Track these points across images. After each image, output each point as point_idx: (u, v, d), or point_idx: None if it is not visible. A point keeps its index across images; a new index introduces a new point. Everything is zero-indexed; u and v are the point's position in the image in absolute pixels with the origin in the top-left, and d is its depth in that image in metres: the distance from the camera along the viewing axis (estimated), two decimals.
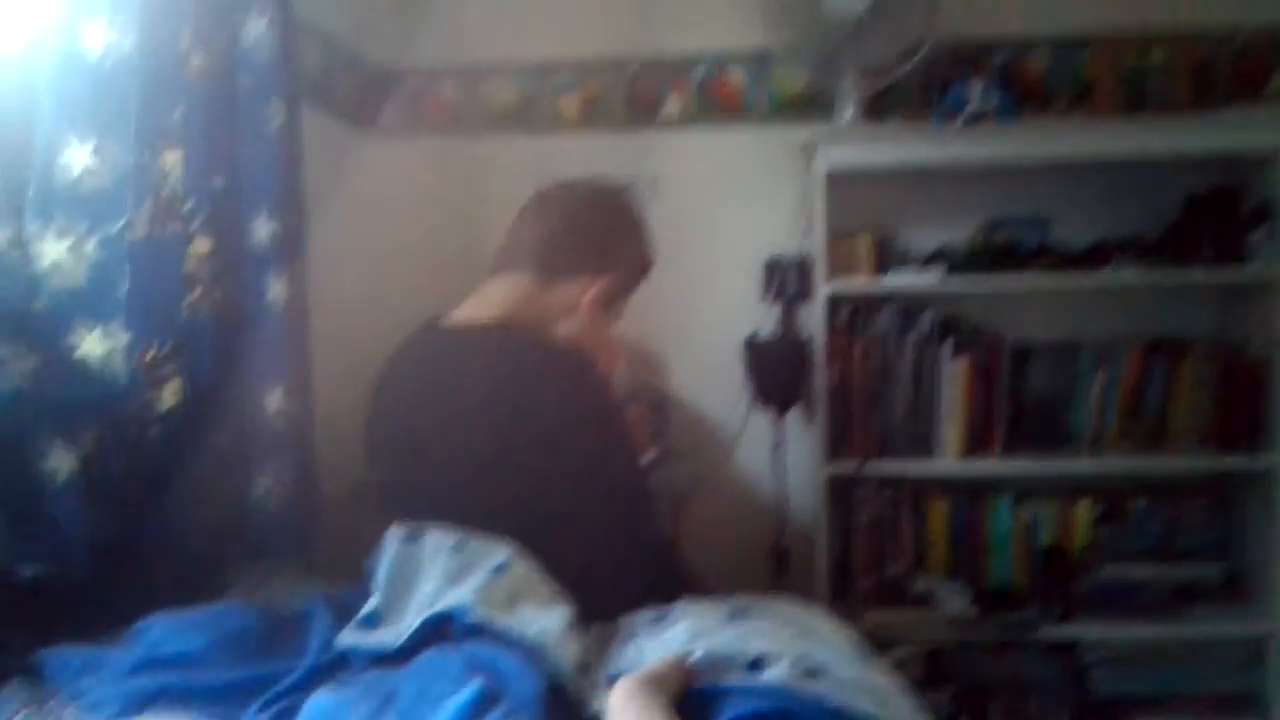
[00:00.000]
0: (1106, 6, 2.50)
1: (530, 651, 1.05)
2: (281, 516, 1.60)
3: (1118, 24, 2.48)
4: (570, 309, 1.50)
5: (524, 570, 1.19)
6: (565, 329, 1.50)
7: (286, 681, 1.00)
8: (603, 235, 1.55)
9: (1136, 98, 2.40)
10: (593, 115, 2.62)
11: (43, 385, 1.25)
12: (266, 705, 0.97)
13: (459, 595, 1.09)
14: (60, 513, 1.21)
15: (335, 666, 1.04)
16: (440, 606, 1.08)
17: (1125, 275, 2.34)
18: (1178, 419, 2.43)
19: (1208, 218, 2.39)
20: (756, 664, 1.13)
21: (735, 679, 1.11)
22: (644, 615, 1.28)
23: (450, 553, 1.19)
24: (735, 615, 1.29)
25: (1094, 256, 2.41)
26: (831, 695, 1.08)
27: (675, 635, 1.19)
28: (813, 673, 1.13)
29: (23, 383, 1.22)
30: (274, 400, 1.62)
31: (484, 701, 0.92)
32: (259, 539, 1.58)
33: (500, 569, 1.16)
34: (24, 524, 1.18)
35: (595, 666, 1.11)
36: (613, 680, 1.08)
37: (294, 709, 0.95)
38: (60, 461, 1.23)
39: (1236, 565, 2.42)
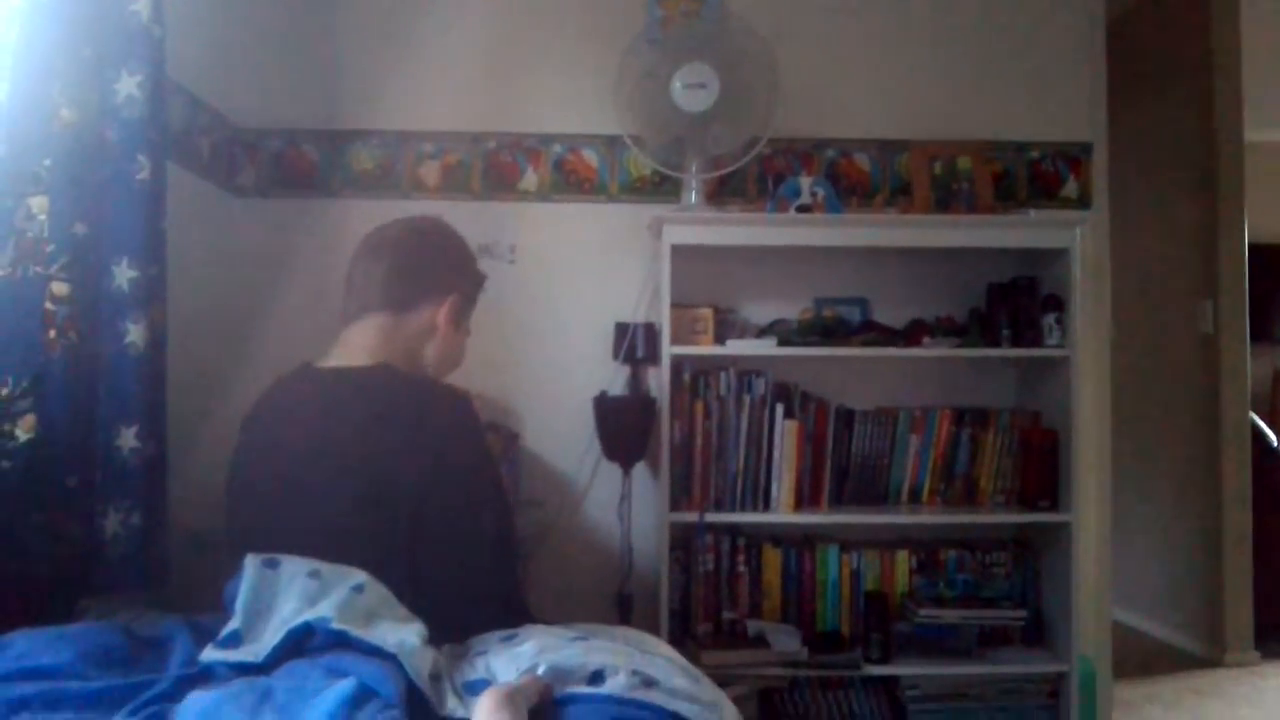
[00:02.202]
0: (922, 117, 2.82)
1: (388, 660, 1.12)
2: (132, 553, 1.61)
3: (932, 132, 2.79)
4: (430, 332, 1.62)
5: (380, 592, 1.26)
6: (430, 350, 1.60)
7: (155, 689, 1.04)
8: (437, 259, 1.68)
9: (947, 196, 2.70)
10: (452, 184, 2.75)
11: None
12: (135, 711, 1.00)
13: (319, 611, 1.15)
14: None
15: (200, 679, 1.09)
16: (301, 619, 1.14)
17: (937, 350, 2.61)
18: (983, 479, 2.69)
19: (1008, 303, 2.69)
20: (597, 676, 1.23)
21: (578, 689, 1.21)
22: (494, 635, 1.36)
23: (307, 577, 1.25)
24: (578, 636, 1.40)
25: (910, 333, 2.67)
26: (665, 703, 1.20)
27: (523, 651, 1.28)
28: (648, 684, 1.24)
29: None
30: (127, 439, 1.65)
31: (359, 697, 0.99)
32: (109, 574, 1.58)
33: (358, 589, 1.23)
34: None
35: (446, 677, 1.19)
36: (468, 688, 1.16)
37: (163, 714, 1.00)
38: None
39: (1037, 611, 2.66)
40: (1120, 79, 3.22)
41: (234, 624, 1.19)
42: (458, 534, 1.42)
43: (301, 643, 1.14)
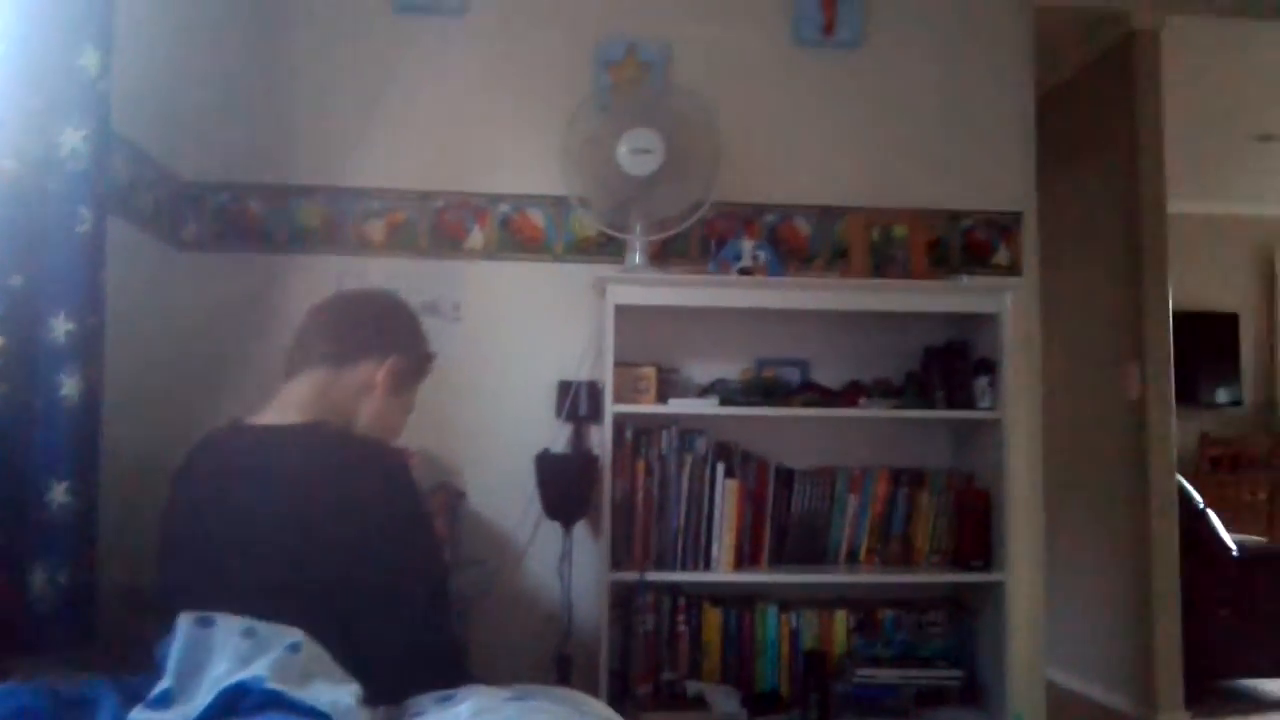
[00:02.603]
0: (861, 184, 2.92)
1: (321, 716, 1.11)
2: (58, 611, 1.58)
3: (870, 199, 2.88)
4: (366, 389, 1.58)
5: (315, 652, 1.25)
6: (366, 410, 1.58)
7: None
8: (379, 318, 1.66)
9: (884, 262, 2.78)
10: (398, 241, 2.77)
11: None
12: None
13: (253, 670, 1.14)
14: None
15: None
16: (234, 679, 1.12)
17: (874, 411, 2.66)
18: (919, 539, 2.74)
19: (942, 366, 2.76)
20: None
21: None
22: (430, 695, 1.35)
23: (241, 636, 1.23)
24: (516, 696, 1.39)
25: (848, 394, 2.73)
26: None
27: (460, 712, 1.27)
28: None
29: None
30: (57, 494, 1.62)
31: None
32: (35, 633, 1.54)
33: (293, 648, 1.21)
34: None
35: None
36: None
37: None
38: None
39: (972, 670, 2.69)
40: (1050, 151, 3.36)
41: (165, 683, 1.16)
42: (391, 593, 1.40)
43: (235, 703, 1.12)
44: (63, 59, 1.70)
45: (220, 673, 1.18)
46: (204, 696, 1.14)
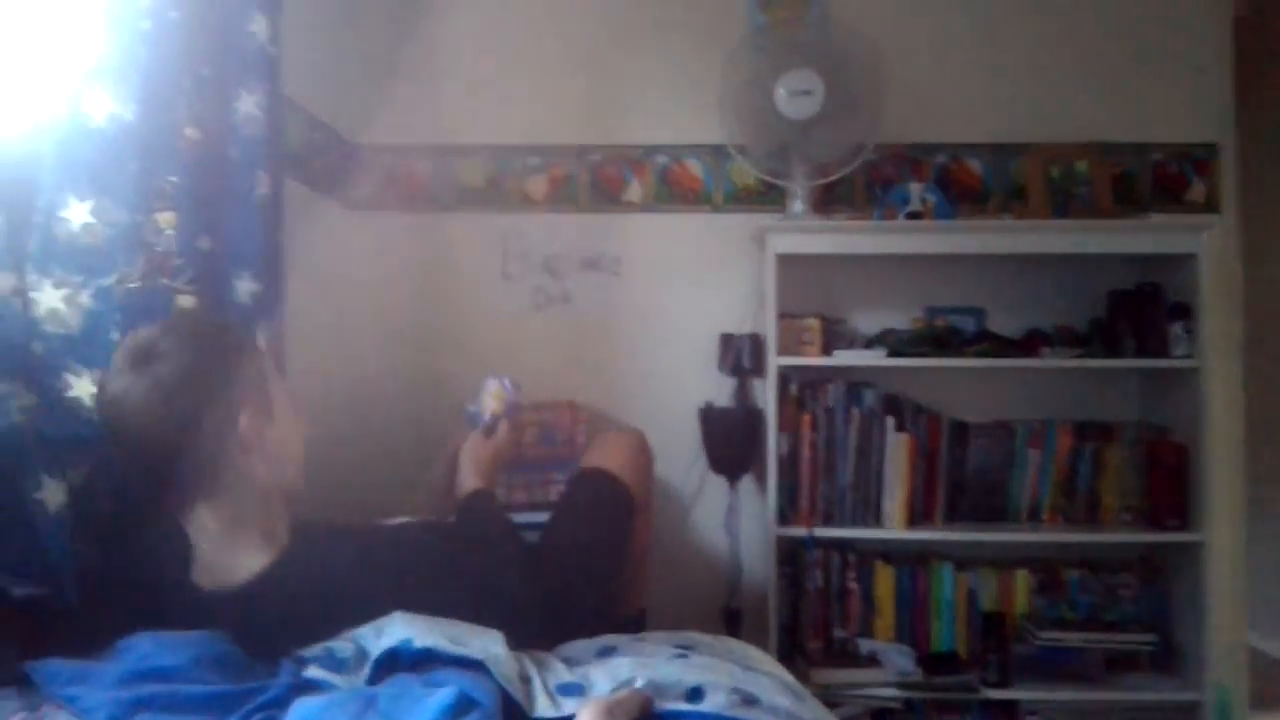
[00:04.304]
0: (1038, 119, 2.72)
1: (478, 670, 1.13)
2: None
3: (1048, 135, 2.69)
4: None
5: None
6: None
7: (266, 696, 1.06)
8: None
9: (1065, 200, 2.59)
10: (558, 196, 2.77)
11: (38, 422, 1.32)
12: (247, 715, 1.03)
13: (396, 638, 1.17)
14: (50, 540, 1.27)
15: (309, 689, 1.11)
16: (390, 642, 1.16)
17: (1056, 361, 2.50)
18: (1107, 496, 2.57)
19: (1131, 312, 2.57)
20: (695, 693, 1.21)
21: (677, 706, 1.19)
22: (590, 647, 1.36)
23: (403, 619, 1.26)
24: (679, 650, 1.38)
25: (1027, 343, 2.57)
26: None
27: (620, 665, 1.27)
28: (749, 701, 1.21)
29: (20, 419, 1.29)
30: None
31: (461, 706, 1.00)
32: None
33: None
34: (18, 548, 1.25)
35: (536, 678, 1.19)
36: (561, 689, 1.16)
37: (274, 718, 1.02)
38: (52, 493, 1.30)
39: (1167, 635, 2.52)
40: (1251, 75, 3.05)
41: (336, 646, 1.20)
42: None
43: (393, 664, 1.15)
44: (235, 27, 1.75)
45: (369, 645, 1.21)
46: (367, 663, 1.17)
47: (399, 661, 1.16)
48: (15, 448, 1.28)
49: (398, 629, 1.19)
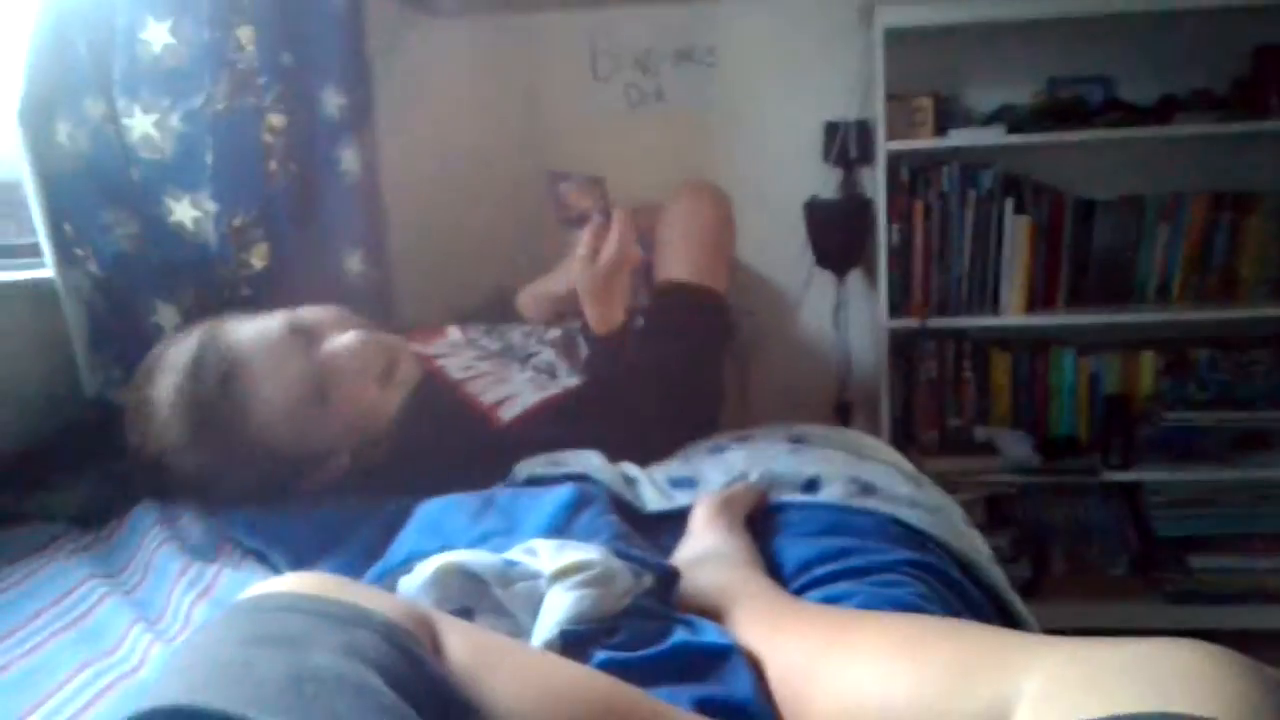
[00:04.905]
0: None
1: (581, 478, 1.16)
2: None
3: None
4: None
5: None
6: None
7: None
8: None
9: None
10: None
11: (145, 248, 1.35)
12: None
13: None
14: None
15: None
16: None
17: (1192, 127, 2.30)
18: (1244, 271, 2.42)
19: (1278, 69, 2.31)
20: (812, 484, 1.20)
21: (793, 497, 1.19)
22: (701, 445, 1.36)
23: None
24: (793, 443, 1.37)
25: (1160, 111, 2.36)
26: (886, 509, 1.16)
27: (732, 459, 1.27)
28: (867, 490, 1.20)
29: (128, 245, 1.33)
30: (354, 263, 1.71)
31: (578, 503, 1.01)
32: None
33: None
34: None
35: (643, 479, 1.21)
36: (674, 483, 1.17)
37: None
38: (165, 316, 1.34)
39: None
40: None
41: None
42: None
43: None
44: None
45: None
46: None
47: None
48: (127, 273, 1.31)
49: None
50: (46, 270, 1.36)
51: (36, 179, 1.35)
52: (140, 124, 1.43)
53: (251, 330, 1.20)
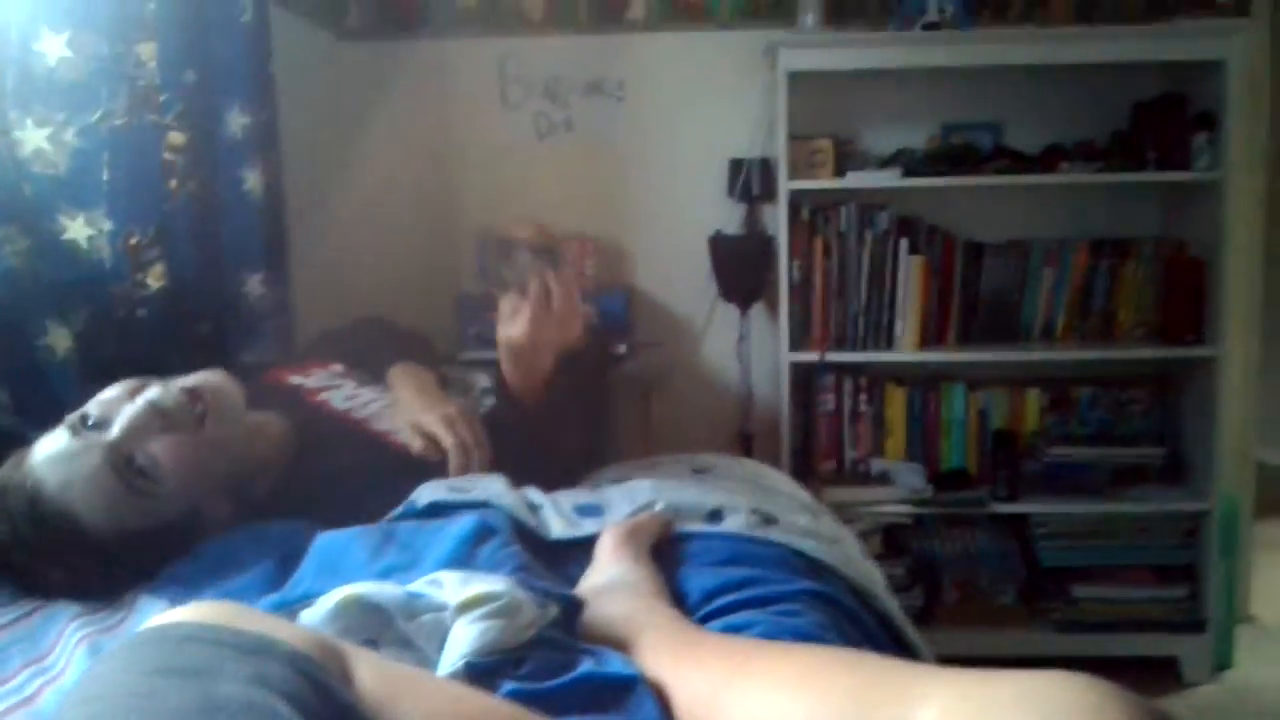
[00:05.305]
0: None
1: (484, 505, 1.15)
2: None
3: None
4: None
5: None
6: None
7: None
8: None
9: (1088, 6, 2.46)
10: (557, 15, 2.64)
11: (36, 266, 1.30)
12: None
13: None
14: (59, 385, 1.27)
15: None
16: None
17: (1075, 176, 2.42)
18: (1123, 313, 2.55)
19: (1154, 123, 2.47)
20: (715, 514, 1.22)
21: (697, 527, 1.20)
22: (607, 472, 1.37)
23: None
24: (697, 473, 1.39)
25: (1046, 159, 2.49)
26: (786, 540, 1.18)
27: (639, 487, 1.28)
28: (768, 521, 1.22)
29: (18, 263, 1.28)
30: (254, 285, 1.68)
31: (479, 534, 1.01)
32: None
33: None
34: (27, 394, 1.25)
35: (548, 505, 1.20)
36: (579, 510, 1.17)
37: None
38: (57, 338, 1.29)
39: (1175, 449, 2.55)
40: None
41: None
42: None
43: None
44: None
45: None
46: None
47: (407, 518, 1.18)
48: (16, 293, 1.26)
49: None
50: None
51: None
52: (33, 138, 1.38)
53: (46, 453, 1.11)
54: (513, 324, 1.31)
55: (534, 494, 1.24)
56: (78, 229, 1.39)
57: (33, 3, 1.40)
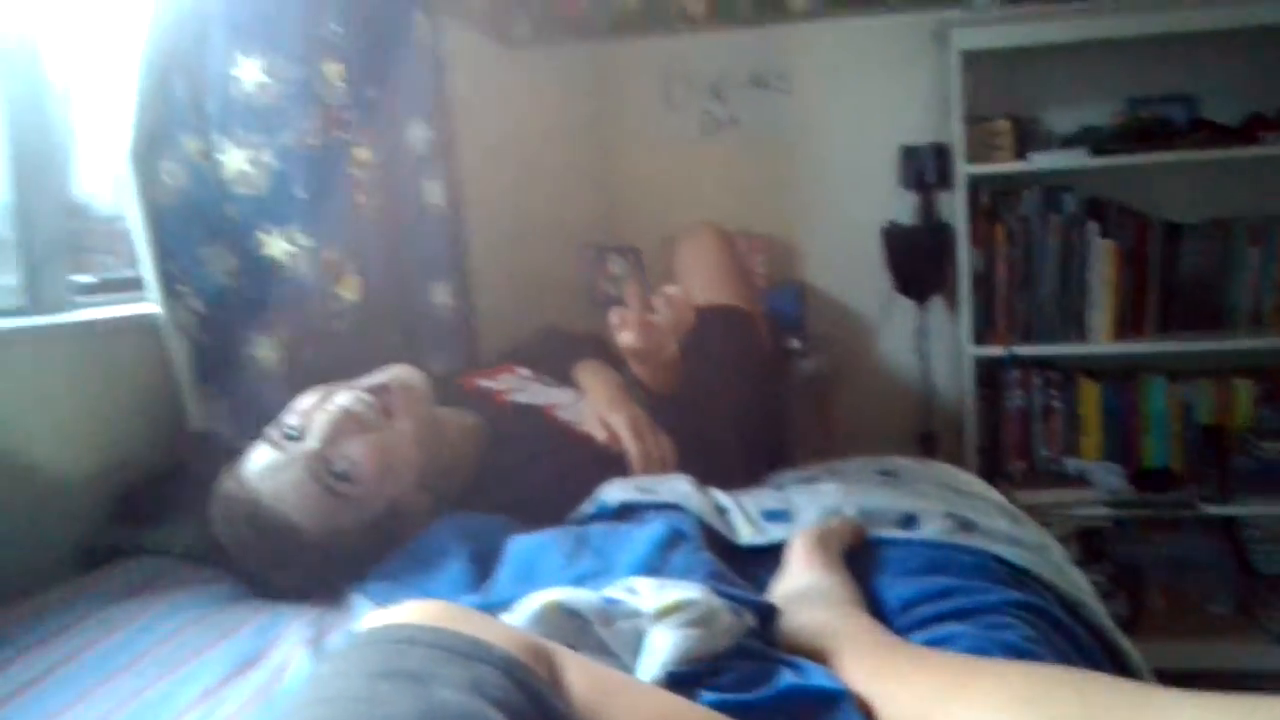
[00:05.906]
0: None
1: (672, 506, 1.15)
2: None
3: None
4: None
5: None
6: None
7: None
8: None
9: None
10: (719, 11, 2.61)
11: (242, 282, 1.38)
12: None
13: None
14: (270, 395, 1.34)
15: None
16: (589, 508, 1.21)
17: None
18: None
19: None
20: (909, 520, 1.17)
21: (891, 533, 1.16)
22: (788, 474, 1.34)
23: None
24: (884, 475, 1.34)
25: (1246, 130, 2.30)
26: (986, 546, 1.12)
27: (827, 491, 1.24)
28: (966, 526, 1.16)
29: (227, 280, 1.35)
30: (440, 295, 1.73)
31: (670, 539, 1.00)
32: None
33: None
34: (241, 404, 1.32)
35: (735, 509, 1.19)
36: (767, 515, 1.15)
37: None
38: (263, 350, 1.36)
39: None
40: None
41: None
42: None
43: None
44: None
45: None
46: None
47: (599, 520, 1.19)
48: (228, 310, 1.33)
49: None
50: (150, 305, 1.39)
51: (144, 216, 1.38)
52: (234, 160, 1.45)
53: (256, 466, 1.17)
54: (623, 332, 1.38)
55: (721, 496, 1.23)
56: (276, 246, 1.46)
57: (230, 28, 1.48)
